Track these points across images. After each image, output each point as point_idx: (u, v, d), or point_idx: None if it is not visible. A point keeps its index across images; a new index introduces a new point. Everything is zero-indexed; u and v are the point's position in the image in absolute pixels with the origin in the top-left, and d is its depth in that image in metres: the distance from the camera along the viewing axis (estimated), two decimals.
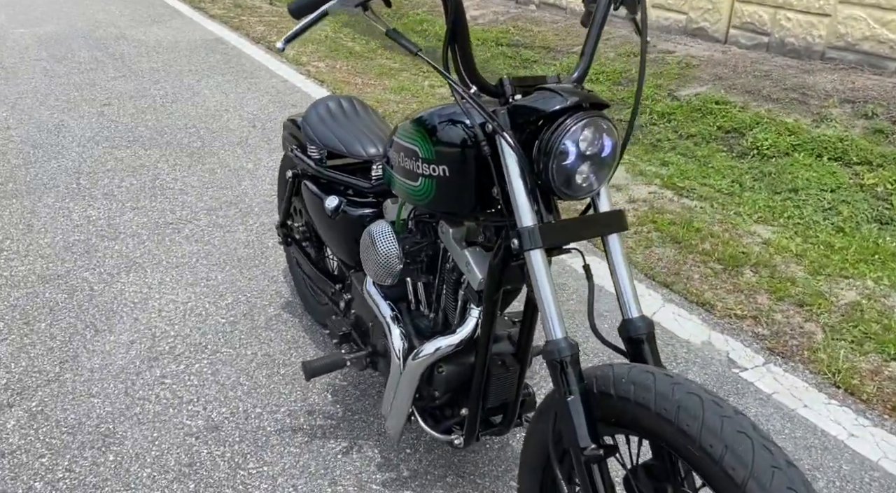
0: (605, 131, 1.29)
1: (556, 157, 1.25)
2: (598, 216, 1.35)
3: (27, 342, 2.31)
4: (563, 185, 1.28)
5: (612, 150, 1.30)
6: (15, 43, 6.15)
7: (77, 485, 1.79)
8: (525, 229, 1.26)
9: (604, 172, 1.32)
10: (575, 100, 1.27)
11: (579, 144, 1.26)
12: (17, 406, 2.03)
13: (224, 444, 1.96)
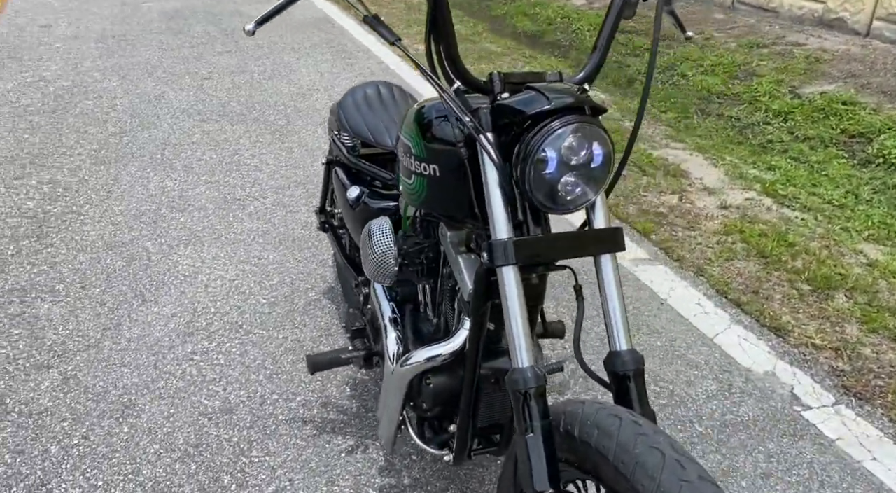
0: (595, 139, 1.13)
1: (535, 164, 1.11)
2: (591, 233, 1.20)
3: (79, 306, 2.41)
4: (544, 196, 1.14)
5: (605, 160, 1.14)
6: (142, 16, 6.51)
7: (88, 453, 1.84)
8: (498, 243, 1.13)
9: (594, 185, 1.16)
10: (562, 102, 1.11)
11: (562, 151, 1.11)
12: (54, 368, 2.12)
13: (234, 428, 1.95)
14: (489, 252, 1.14)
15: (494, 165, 1.15)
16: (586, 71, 1.27)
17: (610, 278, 1.19)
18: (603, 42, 1.27)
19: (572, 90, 1.16)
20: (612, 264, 1.20)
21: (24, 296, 2.45)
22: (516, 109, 1.14)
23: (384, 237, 1.53)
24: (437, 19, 1.13)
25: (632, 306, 2.57)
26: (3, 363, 2.12)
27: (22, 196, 3.10)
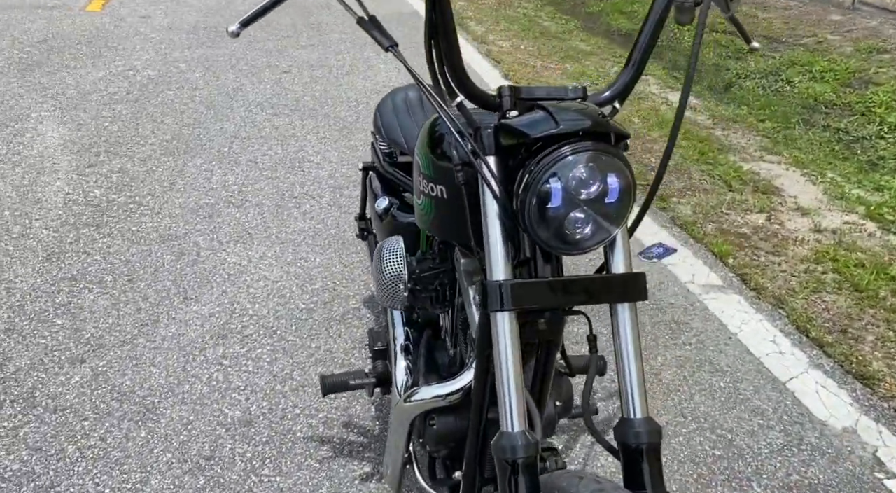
0: (611, 171, 0.95)
1: (537, 196, 0.94)
2: (607, 279, 1.02)
3: (122, 300, 2.41)
4: (548, 233, 0.96)
5: (622, 195, 0.96)
6: (235, 8, 6.64)
7: (102, 457, 1.80)
8: (492, 285, 0.97)
9: (610, 224, 0.98)
10: (573, 125, 0.94)
11: (569, 182, 0.94)
12: (87, 363, 2.11)
13: (250, 442, 1.87)
14: (482, 294, 0.99)
15: (493, 194, 0.99)
16: (615, 88, 1.09)
17: (626, 332, 1.01)
18: (638, 55, 1.08)
19: (590, 111, 0.98)
20: (629, 316, 1.02)
21: (74, 286, 2.47)
22: (520, 131, 0.98)
23: (395, 259, 1.40)
24: (437, 22, 0.98)
25: (695, 339, 2.33)
26: (40, 354, 2.13)
27: (91, 184, 3.17)
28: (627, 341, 1.02)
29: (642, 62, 1.08)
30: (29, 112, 3.92)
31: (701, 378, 2.16)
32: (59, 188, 3.12)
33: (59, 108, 4.00)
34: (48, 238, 2.74)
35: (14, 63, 4.67)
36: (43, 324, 2.26)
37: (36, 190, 3.10)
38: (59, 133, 3.68)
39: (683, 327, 2.42)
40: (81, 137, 3.64)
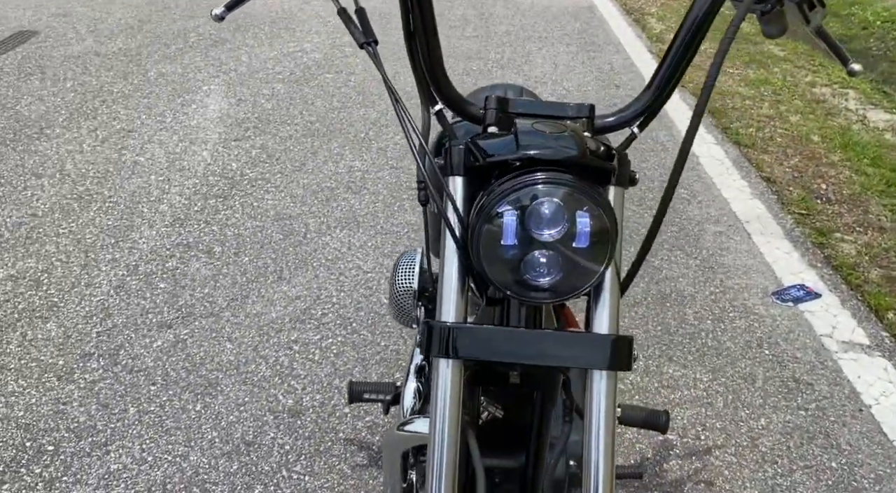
0: (581, 209, 0.76)
1: (487, 228, 0.78)
2: (587, 339, 0.83)
3: (223, 272, 2.50)
4: (505, 276, 0.79)
5: (595, 241, 0.77)
6: None
7: (156, 424, 1.87)
8: (437, 326, 0.83)
9: (580, 275, 0.79)
10: (540, 150, 0.77)
11: (528, 218, 0.76)
12: (172, 329, 2.21)
13: (293, 434, 1.85)
14: (425, 335, 0.84)
15: (445, 220, 0.83)
16: (631, 110, 0.89)
17: (599, 406, 0.82)
18: (667, 71, 0.87)
19: (572, 136, 0.80)
20: (606, 386, 0.82)
21: (186, 252, 2.60)
22: (482, 150, 0.82)
23: (408, 273, 1.28)
24: (416, 22, 0.85)
25: (814, 404, 1.97)
26: (137, 315, 2.26)
27: (231, 157, 3.34)
28: (599, 418, 0.82)
29: (670, 80, 0.87)
30: (201, 85, 4.23)
31: (809, 453, 1.82)
32: (202, 158, 3.32)
33: (227, 83, 4.28)
34: (178, 204, 2.92)
35: (204, 39, 5.08)
36: (148, 286, 2.41)
37: (183, 158, 3.32)
38: (220, 106, 3.93)
39: (804, 387, 2.06)
40: (237, 112, 3.86)
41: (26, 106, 3.79)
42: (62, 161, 3.22)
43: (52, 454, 1.76)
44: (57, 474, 1.71)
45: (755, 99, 4.46)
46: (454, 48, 5.12)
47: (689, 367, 2.17)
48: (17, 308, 2.26)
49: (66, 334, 2.16)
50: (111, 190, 3.00)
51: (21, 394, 1.93)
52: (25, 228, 2.69)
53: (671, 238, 2.84)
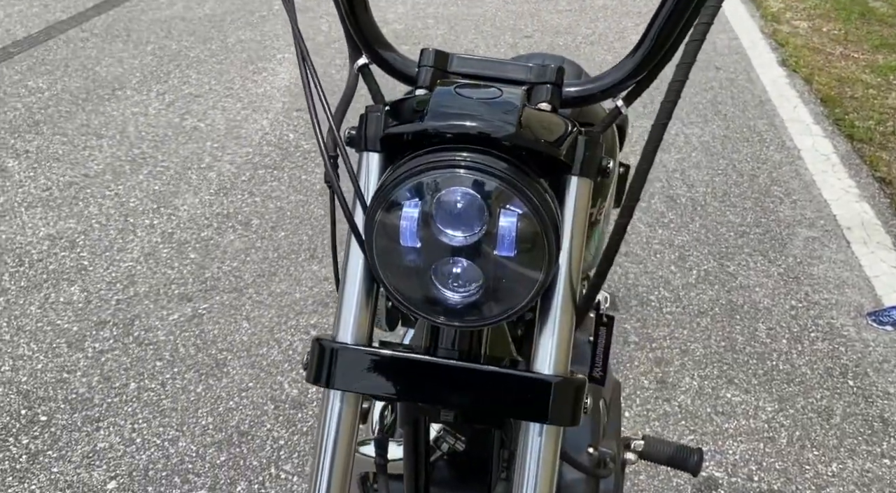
0: (505, 205, 0.54)
1: (377, 226, 0.57)
2: (515, 380, 0.61)
3: (256, 246, 2.39)
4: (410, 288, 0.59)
5: (525, 247, 0.55)
6: None
7: (153, 403, 1.77)
8: (325, 345, 0.63)
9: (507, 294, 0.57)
10: (449, 122, 0.56)
11: (434, 215, 0.55)
12: (192, 303, 2.12)
13: (290, 427, 1.71)
14: (311, 354, 0.65)
15: (343, 210, 0.63)
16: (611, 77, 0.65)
17: (531, 465, 0.62)
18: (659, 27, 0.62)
19: (508, 105, 0.58)
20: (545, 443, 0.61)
21: (224, 222, 2.51)
22: (401, 118, 0.61)
23: None
24: None
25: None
26: (160, 286, 2.19)
27: (289, 128, 3.24)
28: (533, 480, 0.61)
29: (668, 39, 0.62)
30: (275, 53, 4.16)
31: None
32: (260, 127, 3.24)
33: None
34: (227, 173, 2.84)
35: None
36: (178, 255, 2.33)
37: (242, 126, 3.25)
38: (289, 76, 3.84)
39: (894, 431, 1.71)
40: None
41: (105, 67, 3.83)
42: (125, 123, 3.22)
43: (43, 425, 1.70)
44: (43, 447, 1.64)
45: (880, 88, 3.93)
46: (544, 23, 4.82)
47: (753, 393, 1.86)
48: (48, 269, 2.23)
49: (87, 300, 2.10)
50: (165, 154, 2.96)
51: (29, 359, 1.89)
52: (75, 188, 2.68)
53: (753, 241, 2.49)
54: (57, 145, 2.99)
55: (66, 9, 4.70)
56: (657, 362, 1.95)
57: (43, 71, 3.73)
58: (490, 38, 4.50)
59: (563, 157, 0.60)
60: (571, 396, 0.61)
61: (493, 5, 5.19)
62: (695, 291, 2.24)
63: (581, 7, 5.19)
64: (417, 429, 0.87)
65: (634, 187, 0.60)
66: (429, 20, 4.84)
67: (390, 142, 0.64)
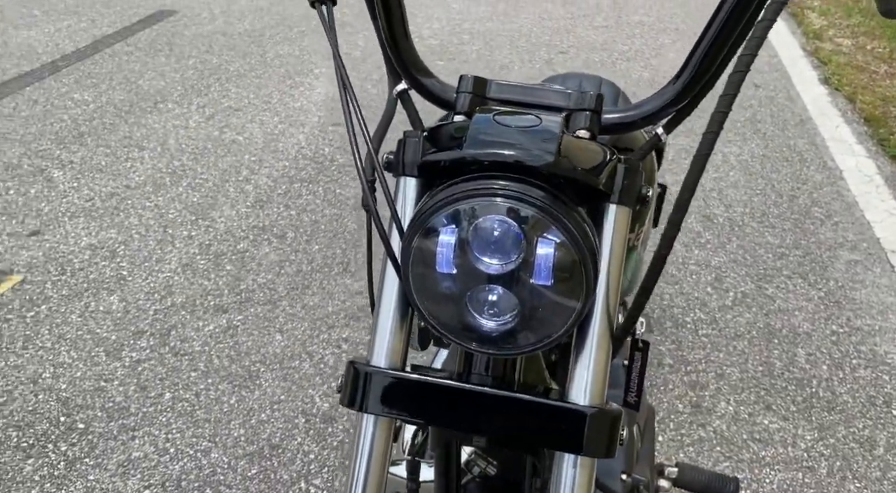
0: (542, 234, 0.54)
1: (414, 252, 0.58)
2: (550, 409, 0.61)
3: (290, 258, 2.41)
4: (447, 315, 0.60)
5: (563, 277, 0.55)
6: None
7: (187, 413, 1.79)
8: (360, 369, 0.64)
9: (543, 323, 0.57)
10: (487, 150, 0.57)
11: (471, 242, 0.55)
12: (227, 314, 2.14)
13: (320, 442, 1.71)
14: (345, 376, 0.65)
15: (379, 232, 0.64)
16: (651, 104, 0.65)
17: None
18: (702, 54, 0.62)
19: (547, 133, 0.58)
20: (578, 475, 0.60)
21: (259, 235, 2.55)
22: (441, 144, 0.62)
23: None
24: None
25: None
26: (196, 297, 2.22)
27: (325, 142, 3.28)
28: None
29: (710, 67, 0.62)
30: (313, 68, 4.22)
31: None
32: (297, 141, 3.28)
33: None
34: (264, 186, 2.88)
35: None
36: (215, 267, 2.36)
37: (279, 139, 3.29)
38: (326, 90, 3.89)
39: None
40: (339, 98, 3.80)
41: (148, 81, 3.92)
42: (166, 135, 3.29)
43: (80, 433, 1.73)
44: (80, 454, 1.67)
45: None
46: (580, 38, 4.81)
47: (791, 420, 1.82)
48: (89, 278, 2.28)
49: (125, 309, 2.14)
50: (204, 167, 3.01)
51: (69, 366, 1.93)
52: (116, 199, 2.74)
53: (792, 263, 2.44)
54: (100, 156, 3.07)
55: (112, 24, 4.83)
56: (692, 385, 1.92)
57: (89, 84, 3.83)
58: (525, 54, 4.51)
59: (601, 186, 0.60)
60: (607, 427, 0.60)
61: (528, 21, 5.20)
62: (731, 313, 2.20)
63: (617, 23, 5.17)
64: (449, 452, 0.87)
65: (675, 219, 0.60)
66: (464, 36, 4.86)
67: (428, 167, 0.64)
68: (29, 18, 4.87)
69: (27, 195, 2.74)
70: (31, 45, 4.37)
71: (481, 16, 5.35)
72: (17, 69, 3.97)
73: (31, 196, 2.74)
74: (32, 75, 3.90)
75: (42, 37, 4.52)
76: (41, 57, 4.18)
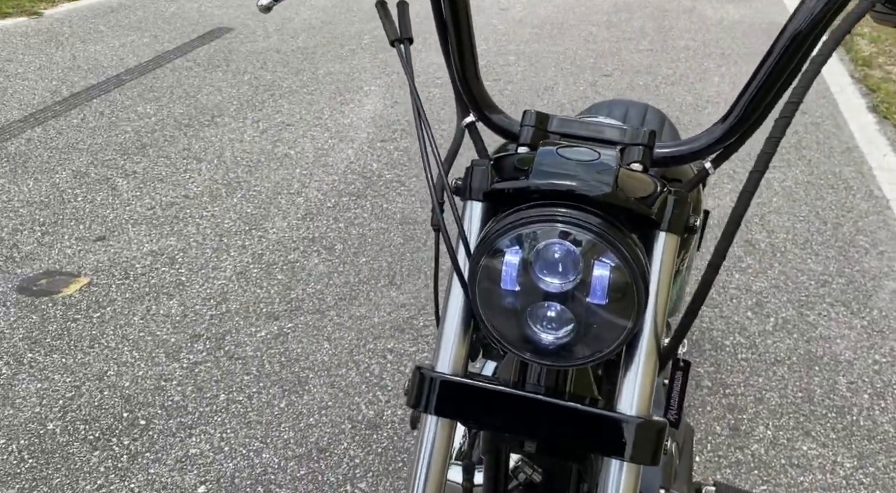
0: (599, 257, 0.60)
1: (481, 270, 0.65)
2: (602, 420, 0.67)
3: (339, 270, 2.51)
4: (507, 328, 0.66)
5: (616, 296, 0.62)
6: (593, 6, 6.53)
7: (240, 414, 1.88)
8: (425, 374, 0.71)
9: (597, 338, 0.63)
10: (551, 180, 0.64)
11: (533, 263, 0.62)
12: (278, 321, 2.24)
13: (366, 447, 1.78)
14: (411, 381, 0.72)
15: (449, 252, 0.71)
16: (703, 141, 0.71)
17: None
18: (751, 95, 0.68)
19: (604, 166, 0.64)
20: (624, 480, 0.66)
21: (309, 246, 2.65)
22: (506, 174, 0.69)
23: None
24: (448, 26, 0.75)
25: None
26: (249, 304, 2.32)
27: (373, 157, 3.38)
28: None
29: (757, 108, 0.68)
30: (362, 85, 4.35)
31: None
32: (346, 156, 3.39)
33: (387, 85, 4.36)
34: (314, 199, 2.99)
35: (376, 41, 5.23)
36: (267, 276, 2.47)
37: (329, 154, 3.41)
38: (375, 108, 4.00)
39: None
40: (390, 114, 3.91)
41: (206, 95, 4.09)
42: (223, 148, 3.43)
43: (142, 429, 1.83)
44: (142, 449, 1.77)
45: None
46: (624, 61, 4.86)
47: (830, 447, 1.83)
48: (150, 283, 2.41)
49: (183, 313, 2.26)
50: (258, 179, 3.14)
51: (132, 365, 2.04)
52: (176, 208, 2.88)
53: (835, 291, 2.44)
54: (161, 167, 3.22)
55: (173, 40, 5.04)
56: (730, 408, 1.95)
57: (151, 97, 4.02)
58: (569, 76, 4.57)
59: (653, 215, 0.66)
60: (653, 437, 0.66)
61: (574, 43, 5.27)
62: (772, 338, 2.21)
63: (663, 47, 5.20)
64: (499, 458, 0.93)
65: (721, 247, 0.65)
66: (510, 57, 4.95)
67: (494, 193, 0.71)
68: (95, 34, 5.11)
69: (94, 202, 2.90)
70: (98, 59, 4.60)
71: (527, 37, 5.44)
72: (84, 82, 4.18)
73: (98, 203, 2.89)
74: (99, 88, 4.10)
75: (108, 51, 4.75)
76: (107, 70, 4.39)
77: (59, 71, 4.37)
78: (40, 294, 2.33)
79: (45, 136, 3.50)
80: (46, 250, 2.58)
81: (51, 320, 2.21)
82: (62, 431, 1.81)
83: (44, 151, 3.34)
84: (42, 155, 3.30)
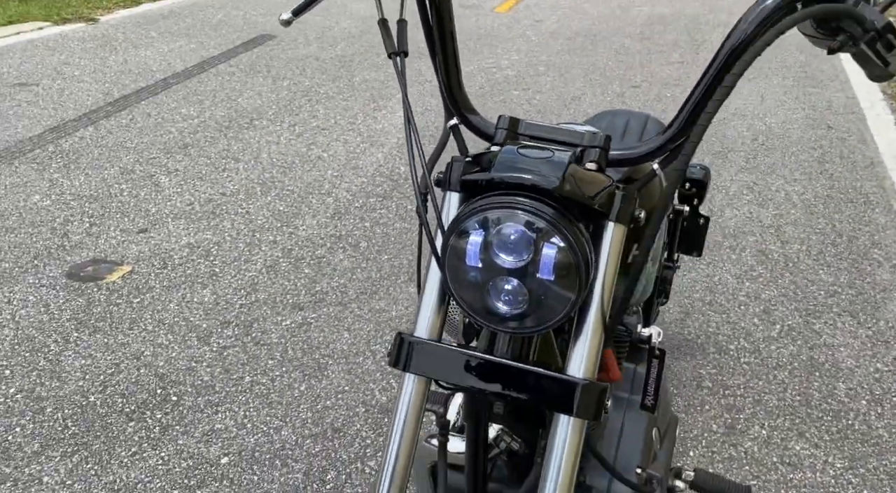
0: (548, 239, 0.72)
1: (450, 248, 0.77)
2: (552, 380, 0.78)
3: (362, 266, 2.64)
4: (472, 299, 0.78)
5: (560, 273, 0.74)
6: (625, 19, 6.60)
7: (263, 395, 2.03)
8: (404, 338, 0.83)
9: (547, 309, 0.75)
10: (509, 173, 0.76)
11: (491, 241, 0.74)
12: (303, 312, 2.38)
13: (376, 430, 1.91)
14: (393, 345, 0.85)
15: (426, 232, 0.83)
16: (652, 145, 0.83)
17: (558, 452, 0.78)
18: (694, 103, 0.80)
19: (555, 163, 0.76)
20: (570, 434, 0.77)
21: (335, 243, 2.79)
22: (477, 167, 0.81)
23: None
24: (435, 36, 0.88)
25: None
26: (276, 295, 2.47)
27: (401, 161, 3.52)
28: (558, 467, 0.77)
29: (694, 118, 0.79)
30: (395, 93, 4.50)
31: None
32: (376, 160, 3.54)
33: (419, 93, 4.50)
34: (343, 199, 3.14)
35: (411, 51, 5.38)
36: (295, 269, 2.62)
37: (360, 158, 3.56)
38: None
39: None
40: (419, 121, 4.05)
41: (246, 99, 4.29)
42: (260, 149, 3.61)
43: (174, 404, 1.99)
44: (172, 422, 1.93)
45: None
46: (653, 74, 4.93)
47: (823, 448, 1.89)
48: (186, 273, 2.58)
49: (215, 302, 2.42)
50: (291, 179, 3.31)
51: (166, 347, 2.20)
52: (213, 205, 3.06)
53: (844, 301, 2.49)
54: (201, 166, 3.41)
55: (218, 46, 5.28)
56: (728, 408, 2.02)
57: (194, 100, 4.23)
58: (598, 87, 4.66)
59: (597, 206, 0.77)
60: (595, 396, 0.77)
61: (604, 55, 5.36)
62: (776, 344, 2.28)
63: (693, 60, 5.26)
64: (478, 425, 1.04)
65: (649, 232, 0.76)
66: (540, 67, 5.06)
67: (468, 185, 0.83)
68: (146, 39, 5.38)
69: (138, 197, 3.09)
70: (147, 63, 4.85)
71: (559, 48, 5.55)
72: (134, 85, 4.42)
73: (141, 198, 3.09)
74: (147, 91, 4.34)
75: (157, 56, 5.00)
76: (155, 74, 4.63)
77: (112, 74, 4.63)
78: (87, 280, 2.52)
79: (97, 134, 3.73)
80: (94, 239, 2.77)
81: (95, 303, 2.40)
82: (102, 403, 1.98)
83: (95, 148, 3.57)
84: (93, 152, 3.52)
